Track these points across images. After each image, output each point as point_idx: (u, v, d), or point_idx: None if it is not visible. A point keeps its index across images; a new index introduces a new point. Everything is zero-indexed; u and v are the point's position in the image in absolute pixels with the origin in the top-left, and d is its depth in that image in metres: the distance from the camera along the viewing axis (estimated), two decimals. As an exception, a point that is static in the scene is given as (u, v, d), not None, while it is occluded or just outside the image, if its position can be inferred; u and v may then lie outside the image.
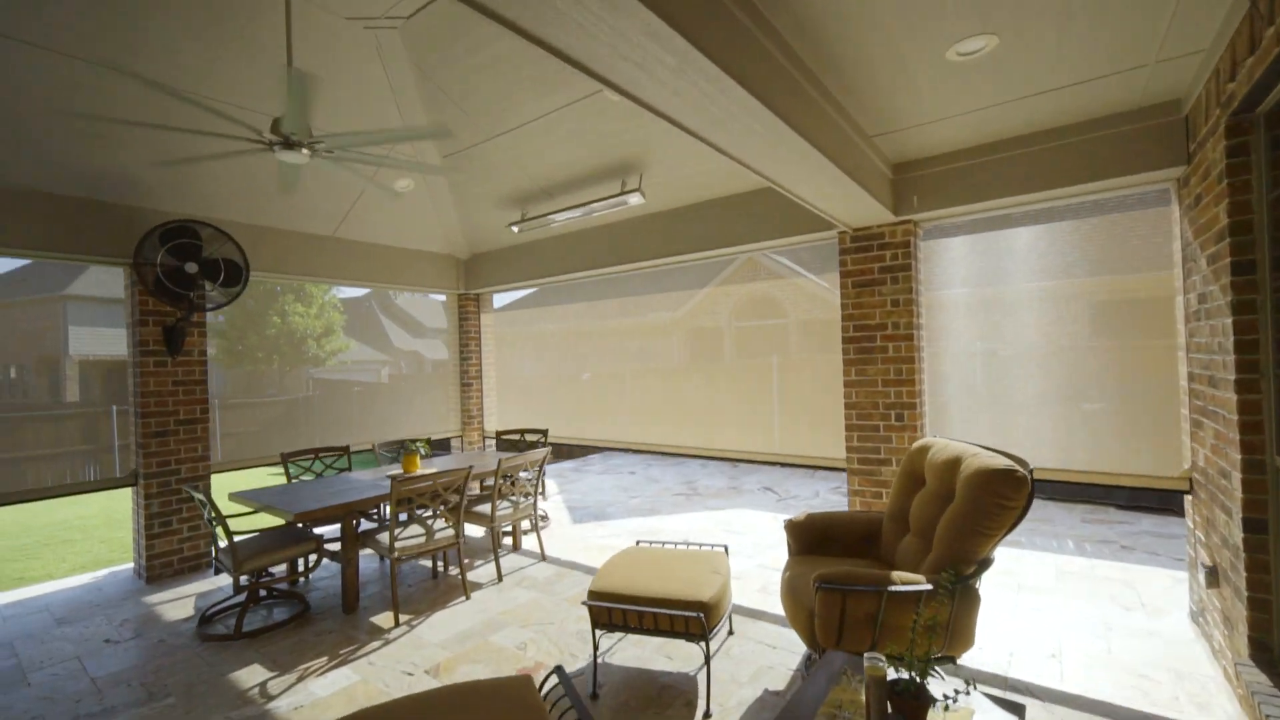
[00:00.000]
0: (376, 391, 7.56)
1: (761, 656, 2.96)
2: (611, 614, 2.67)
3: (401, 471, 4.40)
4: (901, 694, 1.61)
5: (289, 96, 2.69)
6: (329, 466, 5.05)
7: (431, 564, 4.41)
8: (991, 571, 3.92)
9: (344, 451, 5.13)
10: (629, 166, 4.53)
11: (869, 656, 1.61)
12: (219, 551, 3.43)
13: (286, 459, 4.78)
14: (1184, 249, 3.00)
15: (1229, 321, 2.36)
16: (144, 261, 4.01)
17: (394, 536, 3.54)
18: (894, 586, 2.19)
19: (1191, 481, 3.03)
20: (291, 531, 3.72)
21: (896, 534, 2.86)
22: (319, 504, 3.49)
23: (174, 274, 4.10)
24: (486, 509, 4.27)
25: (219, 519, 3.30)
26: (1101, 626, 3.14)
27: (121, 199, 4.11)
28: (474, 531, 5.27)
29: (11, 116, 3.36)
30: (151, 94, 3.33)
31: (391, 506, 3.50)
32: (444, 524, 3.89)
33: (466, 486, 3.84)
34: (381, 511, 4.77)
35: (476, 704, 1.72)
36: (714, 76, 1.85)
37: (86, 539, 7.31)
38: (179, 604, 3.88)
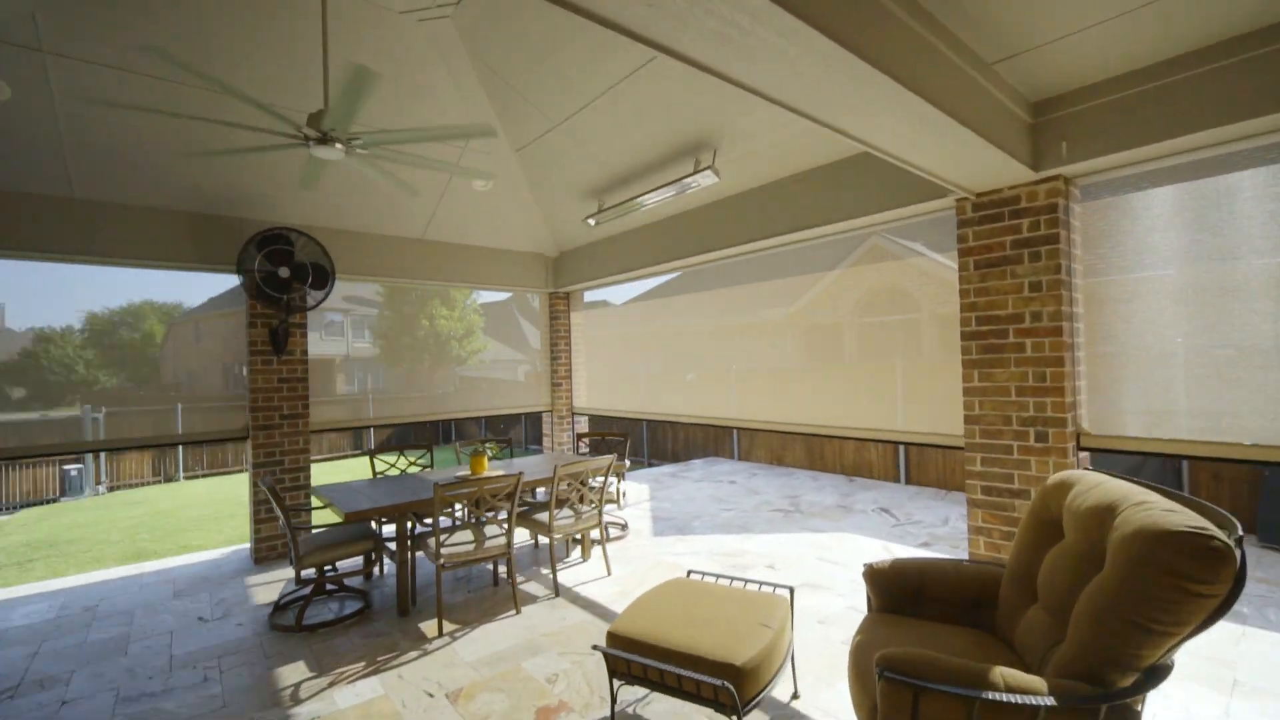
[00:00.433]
0: (511, 388, 7.69)
1: (827, 738, 2.34)
2: (630, 664, 2.23)
3: (470, 473, 4.34)
4: None
5: (345, 92, 2.59)
6: (413, 463, 5.19)
7: (493, 569, 4.29)
8: (1193, 658, 2.84)
9: (428, 449, 5.24)
10: (701, 143, 4.03)
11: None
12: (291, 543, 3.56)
13: (373, 454, 4.98)
14: None
15: None
16: (245, 268, 4.35)
17: (439, 542, 3.42)
18: (993, 693, 1.50)
19: None
20: (357, 529, 3.77)
21: (1019, 601, 2.08)
22: (372, 503, 3.47)
23: (270, 279, 4.40)
24: (546, 517, 4.04)
25: (282, 512, 3.40)
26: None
27: (227, 211, 4.50)
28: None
29: (131, 142, 3.77)
30: (198, 88, 3.49)
31: (435, 510, 3.38)
32: (498, 530, 3.72)
33: (518, 493, 3.63)
34: (453, 514, 4.77)
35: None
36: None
37: (242, 516, 8.42)
38: (270, 588, 4.14)
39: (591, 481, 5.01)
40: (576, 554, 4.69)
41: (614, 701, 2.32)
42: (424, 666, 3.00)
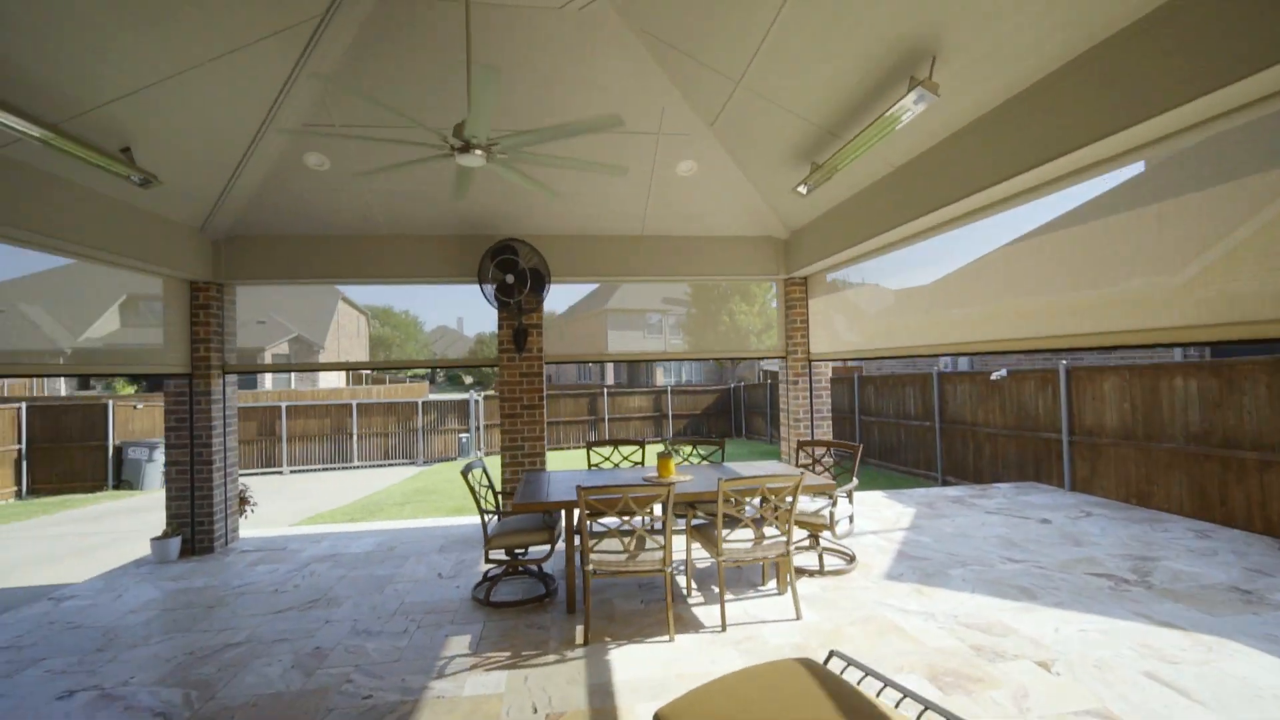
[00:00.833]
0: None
1: None
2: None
3: (657, 475, 4.13)
4: None
5: (475, 95, 2.62)
6: (625, 459, 5.25)
7: (685, 582, 3.96)
8: None
9: (640, 445, 5.23)
10: (912, 53, 2.88)
11: None
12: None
13: (590, 447, 5.21)
14: None
15: None
16: (483, 278, 5.04)
17: (588, 548, 3.28)
18: None
19: None
20: (536, 519, 3.95)
21: None
22: (534, 498, 3.57)
23: (501, 286, 5.01)
24: (729, 535, 3.51)
25: (474, 498, 3.78)
26: None
27: (474, 230, 5.29)
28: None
29: (405, 185, 4.73)
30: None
31: (580, 515, 3.25)
32: (654, 544, 3.40)
33: (670, 505, 3.24)
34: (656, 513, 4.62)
35: None
36: None
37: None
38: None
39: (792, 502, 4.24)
40: (774, 582, 4.00)
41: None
42: (550, 674, 2.89)
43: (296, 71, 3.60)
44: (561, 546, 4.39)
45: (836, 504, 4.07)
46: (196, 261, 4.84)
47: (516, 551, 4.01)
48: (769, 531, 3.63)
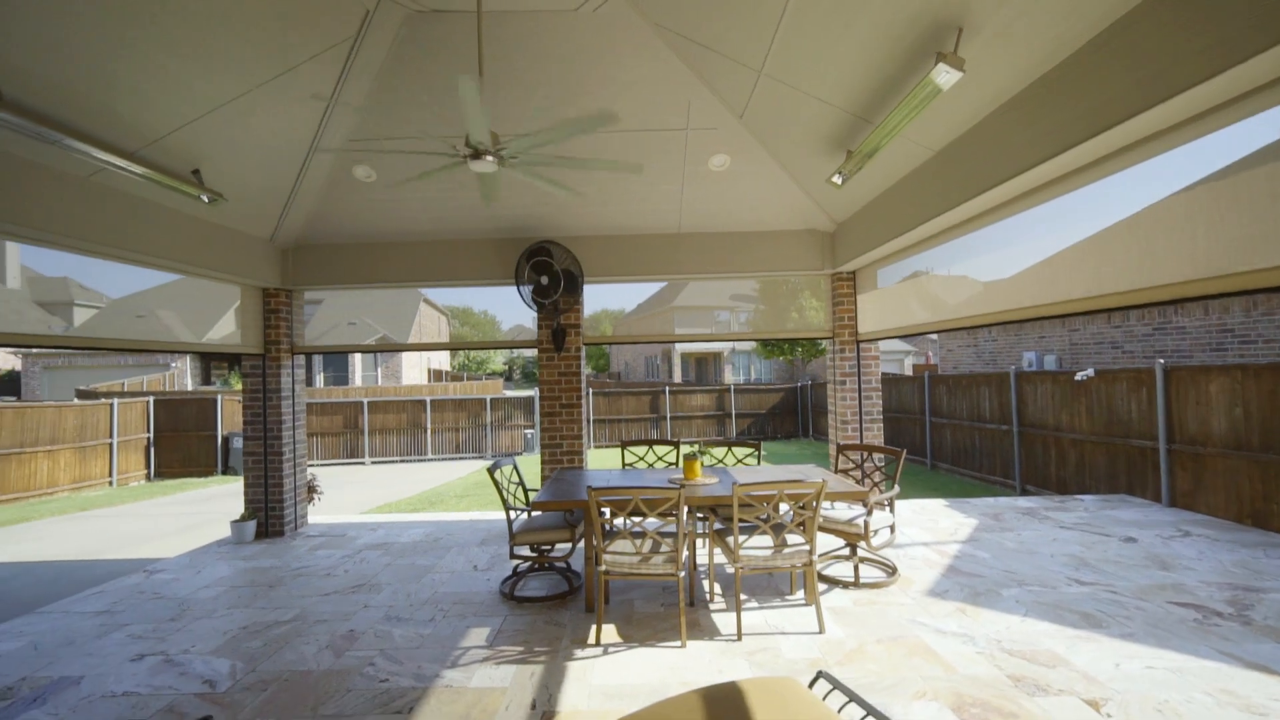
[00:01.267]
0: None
1: None
2: (624, 783, 1.61)
3: (683, 477, 4.08)
4: None
5: (463, 105, 2.78)
6: (660, 459, 5.22)
7: (707, 585, 3.89)
8: None
9: (674, 445, 5.18)
10: (939, 25, 2.65)
11: None
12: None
13: (624, 446, 5.22)
14: None
15: None
16: (519, 280, 5.17)
17: (601, 549, 3.29)
18: None
19: None
20: (556, 518, 4.00)
21: None
22: (556, 497, 3.62)
23: (537, 287, 5.11)
24: (748, 540, 3.41)
25: (500, 496, 3.89)
26: None
27: (511, 234, 5.42)
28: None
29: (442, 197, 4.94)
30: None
31: (592, 515, 3.26)
32: (669, 548, 3.35)
33: (682, 509, 3.18)
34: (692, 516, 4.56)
35: None
36: None
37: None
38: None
39: (826, 509, 4.05)
40: (803, 591, 3.83)
41: (623, 821, 1.73)
42: (557, 672, 2.93)
43: (338, 89, 3.84)
44: (583, 546, 4.42)
45: (872, 512, 3.84)
46: (268, 270, 5.30)
47: (543, 548, 4.09)
48: (793, 539, 3.48)
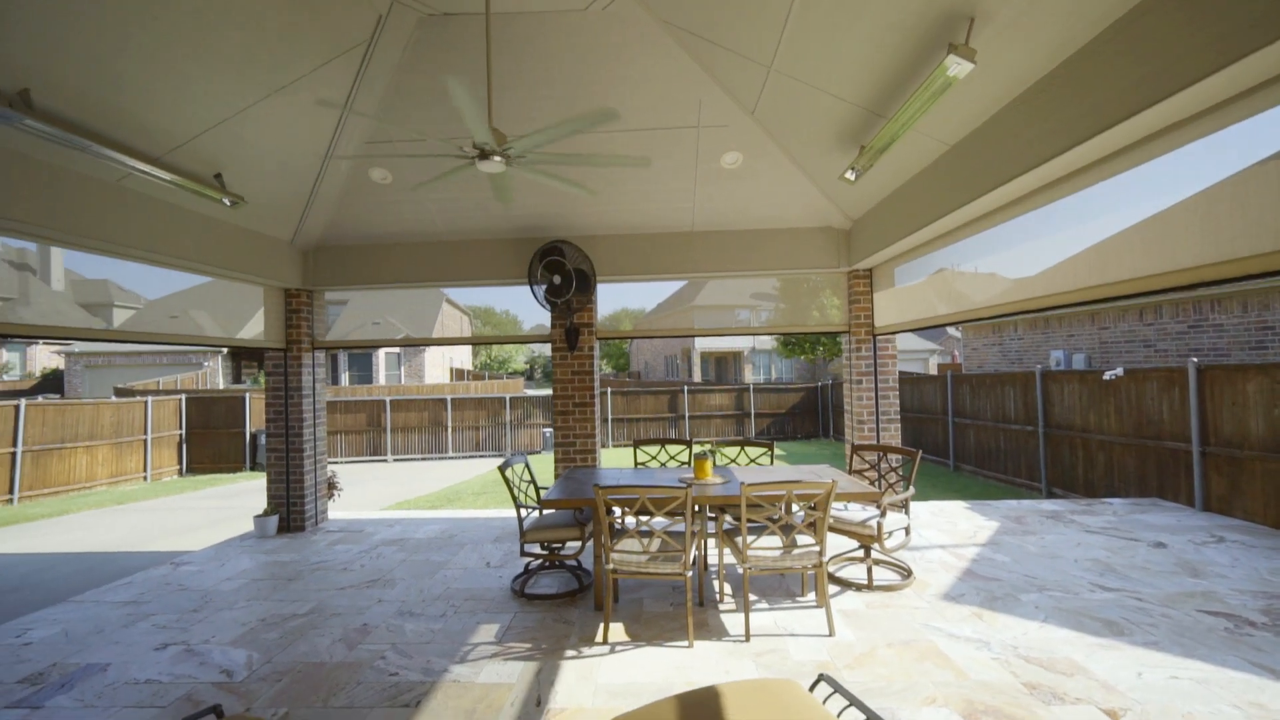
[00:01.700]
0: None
1: None
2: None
3: (693, 477, 4.06)
4: None
5: (459, 107, 2.80)
6: (672, 458, 5.20)
7: (716, 585, 3.87)
8: None
9: (687, 444, 5.16)
10: (950, 16, 2.59)
11: None
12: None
13: (637, 445, 5.22)
14: None
15: None
16: (533, 279, 5.20)
17: (607, 547, 3.29)
18: None
19: None
20: (565, 516, 4.02)
21: None
22: (566, 495, 3.63)
23: (550, 287, 5.14)
24: (757, 540, 3.38)
25: (511, 494, 3.92)
26: None
27: (525, 234, 5.46)
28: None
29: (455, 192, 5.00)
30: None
31: (599, 513, 3.27)
32: (677, 548, 3.34)
33: (690, 509, 3.16)
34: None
35: None
36: None
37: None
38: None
39: (837, 510, 4.00)
40: (814, 593, 3.79)
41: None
42: (563, 670, 2.94)
43: (353, 93, 3.91)
44: (592, 544, 4.44)
45: (885, 514, 3.78)
46: (289, 271, 5.42)
47: (554, 546, 4.11)
48: (803, 540, 3.44)
